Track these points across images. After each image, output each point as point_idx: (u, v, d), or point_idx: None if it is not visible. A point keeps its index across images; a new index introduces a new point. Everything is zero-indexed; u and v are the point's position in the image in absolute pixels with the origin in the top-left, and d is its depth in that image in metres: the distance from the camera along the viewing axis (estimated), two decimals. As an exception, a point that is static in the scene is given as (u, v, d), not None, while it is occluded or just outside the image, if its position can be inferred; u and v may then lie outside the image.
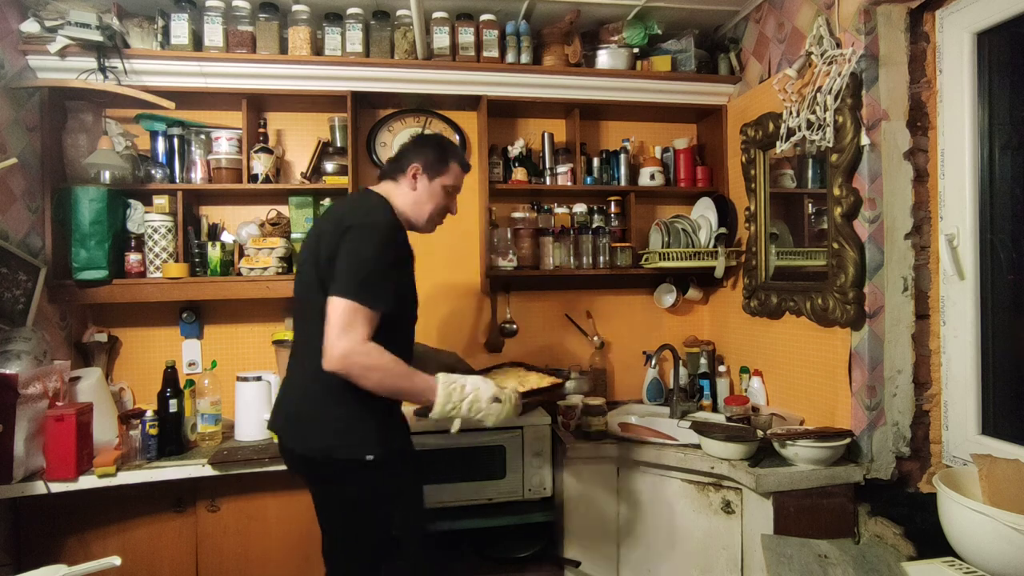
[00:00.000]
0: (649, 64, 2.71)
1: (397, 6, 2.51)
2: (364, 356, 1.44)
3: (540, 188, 2.73)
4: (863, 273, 1.89)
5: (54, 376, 1.97)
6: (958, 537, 1.38)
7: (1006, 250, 1.72)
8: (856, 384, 1.92)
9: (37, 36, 2.21)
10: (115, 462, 1.95)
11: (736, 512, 1.97)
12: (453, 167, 1.75)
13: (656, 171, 2.76)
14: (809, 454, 1.82)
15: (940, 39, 1.85)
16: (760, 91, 2.47)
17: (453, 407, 1.54)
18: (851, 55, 1.88)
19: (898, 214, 1.87)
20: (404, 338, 1.71)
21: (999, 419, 1.74)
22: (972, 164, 1.76)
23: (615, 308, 2.93)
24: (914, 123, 1.87)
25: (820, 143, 1.99)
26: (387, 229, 1.55)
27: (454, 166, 1.75)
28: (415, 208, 1.71)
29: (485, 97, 2.58)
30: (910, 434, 1.86)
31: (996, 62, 1.73)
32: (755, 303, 2.44)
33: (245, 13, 2.39)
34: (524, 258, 2.68)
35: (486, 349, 2.80)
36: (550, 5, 2.53)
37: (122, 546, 1.98)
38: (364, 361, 1.44)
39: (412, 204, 1.71)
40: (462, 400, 1.55)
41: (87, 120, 2.35)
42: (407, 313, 1.70)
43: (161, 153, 2.45)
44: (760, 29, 2.50)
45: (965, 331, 1.79)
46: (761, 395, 2.42)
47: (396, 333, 1.59)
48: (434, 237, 2.77)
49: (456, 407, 1.55)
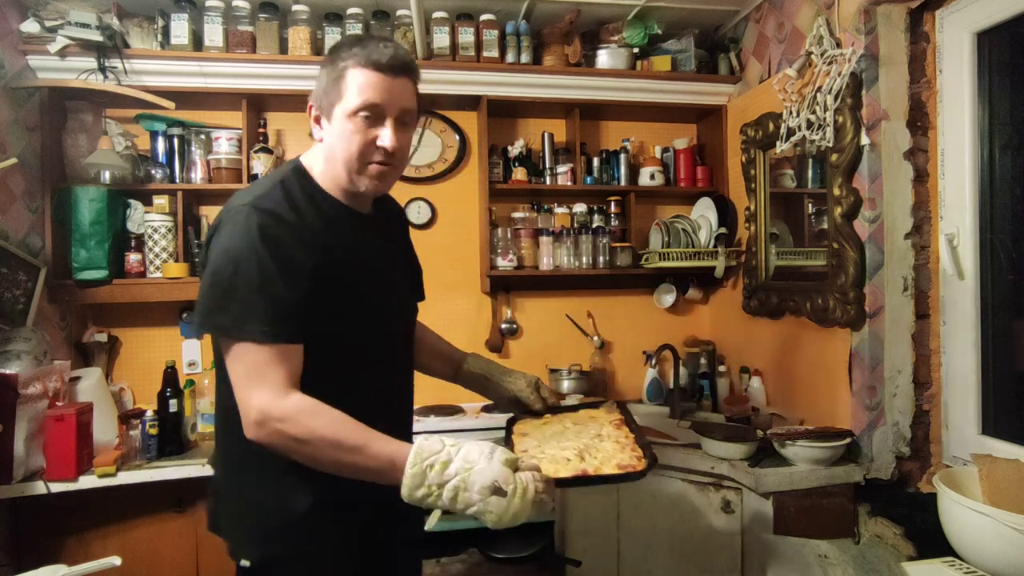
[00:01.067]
0: (649, 64, 2.71)
1: (397, 6, 2.51)
2: (286, 422, 0.99)
3: (540, 188, 2.73)
4: (863, 273, 1.88)
5: (54, 376, 1.97)
6: (958, 537, 1.38)
7: (1006, 250, 1.72)
8: (856, 384, 1.92)
9: (37, 36, 2.21)
10: (115, 462, 1.95)
11: (736, 512, 1.97)
12: (350, 75, 1.11)
13: (656, 171, 2.76)
14: (809, 454, 1.82)
15: (940, 39, 1.85)
16: (760, 91, 2.47)
17: (428, 493, 0.98)
18: (851, 55, 1.88)
19: (898, 214, 1.87)
20: (364, 380, 1.17)
21: (999, 419, 1.74)
22: (972, 164, 1.76)
23: (615, 308, 2.93)
24: (914, 123, 1.87)
25: (820, 143, 1.99)
26: (263, 217, 1.05)
27: (352, 72, 1.11)
28: (330, 165, 1.16)
29: (485, 97, 2.58)
30: (910, 434, 1.86)
31: (996, 62, 1.73)
32: (755, 303, 2.44)
33: (245, 13, 2.39)
34: (524, 258, 2.68)
35: (487, 349, 2.80)
36: (550, 5, 2.53)
37: (122, 546, 1.98)
38: (286, 429, 0.99)
39: (326, 161, 1.16)
40: (441, 485, 0.98)
41: (87, 120, 2.35)
42: (354, 341, 1.15)
43: (161, 153, 2.45)
44: (760, 29, 2.50)
45: (965, 331, 1.79)
46: (761, 395, 2.42)
47: (345, 374, 1.13)
48: (434, 237, 2.81)
49: (432, 493, 0.99)
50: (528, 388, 1.40)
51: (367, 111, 1.11)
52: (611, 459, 1.13)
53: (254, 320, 1.01)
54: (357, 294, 1.15)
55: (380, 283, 1.22)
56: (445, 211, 2.79)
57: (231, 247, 1.03)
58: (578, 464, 1.10)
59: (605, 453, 1.15)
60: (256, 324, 1.01)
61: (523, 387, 1.40)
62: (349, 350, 1.14)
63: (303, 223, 1.10)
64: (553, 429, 1.27)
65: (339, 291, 1.11)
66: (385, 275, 1.25)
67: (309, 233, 1.10)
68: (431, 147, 2.76)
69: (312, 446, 1.00)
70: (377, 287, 1.21)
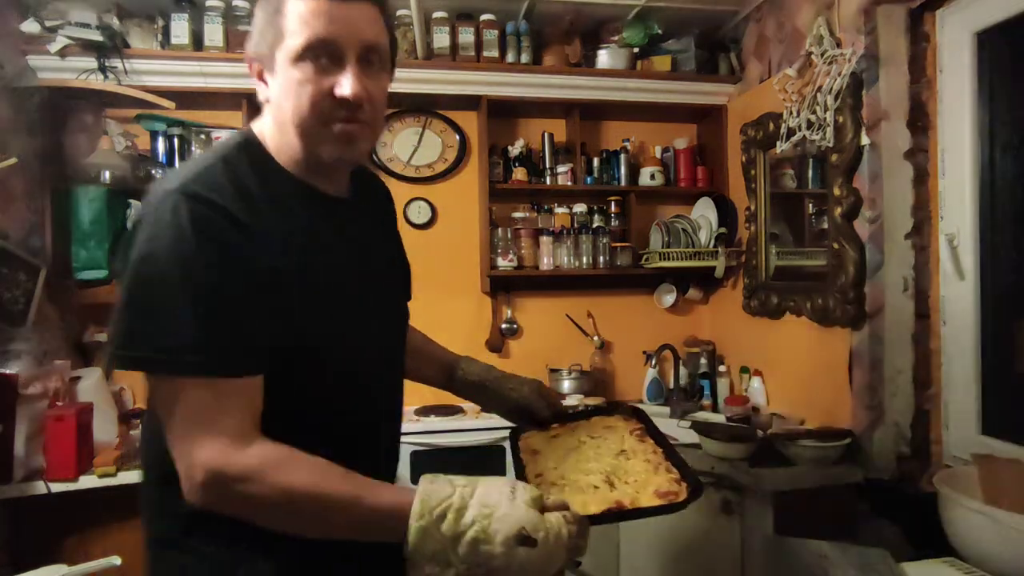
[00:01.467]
0: (649, 64, 2.71)
1: (397, 6, 2.51)
2: (250, 482, 0.74)
3: (540, 188, 2.73)
4: (863, 273, 1.88)
5: (54, 376, 1.97)
6: (959, 537, 1.38)
7: (1006, 250, 1.72)
8: (856, 384, 1.92)
9: (37, 36, 2.21)
10: (115, 462, 1.95)
11: (736, 512, 1.97)
12: (290, 5, 0.83)
13: (656, 171, 2.76)
14: (809, 454, 1.82)
15: (940, 39, 1.85)
16: (760, 91, 2.47)
17: (440, 551, 0.74)
18: (851, 55, 1.88)
19: (898, 214, 1.87)
20: (347, 413, 0.90)
21: (1000, 419, 1.73)
22: (972, 164, 1.76)
23: (615, 308, 2.93)
24: (914, 123, 1.87)
25: (820, 143, 1.99)
26: (197, 207, 0.77)
27: (291, 2, 0.83)
28: (282, 132, 0.88)
29: (485, 97, 2.58)
30: (910, 434, 1.86)
31: (996, 62, 1.73)
32: (755, 303, 2.44)
33: (245, 13, 2.39)
34: (524, 258, 2.68)
35: (487, 349, 2.80)
36: (550, 5, 2.53)
37: (122, 546, 1.96)
38: (251, 491, 0.74)
39: (277, 128, 0.88)
40: (457, 538, 0.74)
41: (87, 120, 2.36)
42: (332, 365, 0.87)
43: (161, 153, 2.45)
44: (760, 29, 2.50)
45: (966, 331, 1.79)
46: (761, 395, 2.42)
47: (323, 408, 0.87)
48: (434, 237, 2.81)
49: (446, 550, 0.74)
50: (533, 394, 1.18)
51: (316, 50, 0.82)
52: (646, 485, 0.93)
53: (191, 347, 0.73)
54: (333, 304, 0.87)
55: (364, 288, 0.94)
56: (445, 211, 2.79)
57: (154, 250, 0.75)
58: (608, 493, 0.91)
59: (636, 476, 0.95)
60: (194, 353, 0.73)
61: (527, 393, 1.17)
62: (326, 377, 0.86)
63: (254, 212, 0.80)
64: (566, 444, 1.09)
65: (309, 301, 0.83)
66: (370, 277, 0.96)
67: (263, 225, 0.81)
68: (431, 147, 2.76)
69: (288, 509, 0.75)
70: (360, 293, 0.93)
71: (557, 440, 1.13)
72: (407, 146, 2.74)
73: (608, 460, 1.02)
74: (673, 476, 0.95)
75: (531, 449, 1.11)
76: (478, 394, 1.20)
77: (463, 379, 1.20)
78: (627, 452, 1.04)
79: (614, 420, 1.19)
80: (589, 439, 1.11)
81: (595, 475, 0.96)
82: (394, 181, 2.74)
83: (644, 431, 1.13)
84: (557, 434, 1.16)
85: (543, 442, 1.13)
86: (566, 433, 1.15)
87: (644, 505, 0.89)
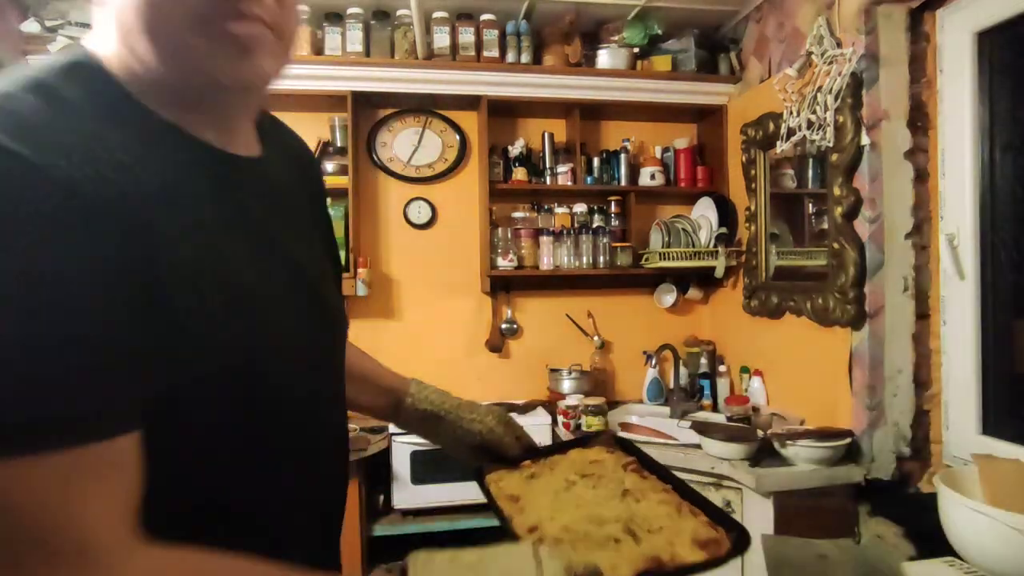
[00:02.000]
0: (649, 64, 2.71)
1: (397, 6, 2.51)
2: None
3: (540, 188, 2.73)
4: (863, 273, 1.88)
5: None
6: (958, 537, 1.38)
7: (1007, 250, 1.72)
8: (856, 384, 1.92)
9: (37, 36, 2.21)
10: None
11: (736, 512, 1.97)
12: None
13: (656, 171, 2.76)
14: (809, 454, 1.82)
15: (940, 39, 1.85)
16: (760, 91, 2.47)
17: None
18: (851, 55, 1.88)
19: (898, 214, 1.87)
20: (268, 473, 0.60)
21: (999, 419, 1.73)
22: (972, 164, 1.76)
23: (615, 308, 2.93)
24: (914, 123, 1.87)
25: (820, 143, 1.99)
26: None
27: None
28: (129, 38, 0.53)
29: (485, 97, 2.58)
30: (910, 434, 1.86)
31: (997, 62, 1.73)
32: (755, 303, 2.44)
33: (245, 13, 2.39)
34: (524, 258, 2.68)
35: (487, 349, 2.80)
36: (550, 5, 2.53)
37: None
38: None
39: (124, 35, 0.54)
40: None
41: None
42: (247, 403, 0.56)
43: (161, 153, 2.45)
44: (760, 29, 2.50)
45: (965, 331, 1.79)
46: (761, 395, 2.42)
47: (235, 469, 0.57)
48: (434, 237, 2.81)
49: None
50: (500, 426, 0.95)
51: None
52: (678, 532, 0.75)
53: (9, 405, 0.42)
54: (242, 314, 0.56)
55: (287, 289, 0.64)
56: (445, 211, 2.79)
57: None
58: (635, 547, 0.72)
59: (660, 522, 0.77)
60: (15, 411, 0.42)
61: (493, 425, 0.95)
62: (238, 420, 0.56)
63: (102, 175, 0.48)
64: (551, 486, 0.88)
65: (205, 311, 0.52)
66: (293, 273, 0.65)
67: (120, 191, 0.48)
68: (431, 147, 2.76)
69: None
70: (282, 296, 0.62)
71: (537, 481, 0.91)
72: (407, 146, 2.74)
73: (615, 504, 0.82)
74: (702, 520, 0.78)
75: (508, 495, 0.88)
76: (431, 428, 0.95)
77: (412, 408, 0.93)
78: (632, 492, 0.85)
79: (596, 452, 0.98)
80: (579, 478, 0.90)
81: (611, 524, 0.76)
82: (394, 181, 2.75)
83: (639, 464, 0.96)
84: (533, 473, 0.93)
85: (519, 484, 0.90)
86: (544, 472, 0.93)
87: (687, 559, 0.70)
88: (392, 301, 2.73)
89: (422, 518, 2.33)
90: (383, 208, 2.75)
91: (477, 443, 0.94)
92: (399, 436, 2.31)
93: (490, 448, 0.95)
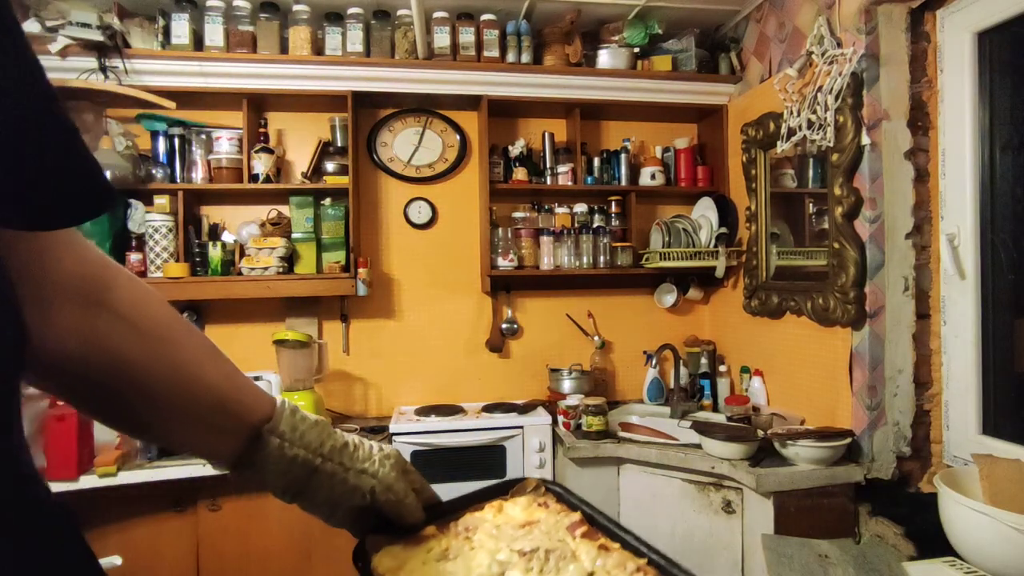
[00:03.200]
0: (650, 64, 2.71)
1: (398, 6, 2.51)
2: None
3: (541, 188, 2.73)
4: (864, 273, 1.88)
5: (55, 376, 1.97)
6: (959, 537, 1.38)
7: (1007, 250, 1.72)
8: (857, 384, 1.92)
9: (38, 36, 2.21)
10: (116, 462, 1.95)
11: (737, 512, 1.97)
12: None
13: (657, 171, 2.76)
14: (810, 454, 1.82)
15: (941, 39, 1.85)
16: (761, 91, 2.47)
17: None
18: (852, 55, 1.88)
19: (899, 214, 1.87)
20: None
21: (1000, 419, 1.73)
22: (973, 164, 1.76)
23: (616, 308, 2.93)
24: (915, 123, 1.87)
25: (821, 143, 1.99)
26: None
27: None
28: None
29: (486, 97, 2.58)
30: (911, 434, 1.86)
31: (997, 62, 1.73)
32: (756, 303, 2.44)
33: (245, 13, 2.39)
34: (525, 258, 2.68)
35: (487, 349, 2.80)
36: (551, 5, 2.53)
37: (123, 546, 1.98)
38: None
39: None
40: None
41: (88, 120, 2.35)
42: None
43: (162, 153, 2.45)
44: (761, 29, 2.50)
45: (966, 331, 1.79)
46: (762, 395, 2.42)
47: None
48: (435, 237, 2.81)
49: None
50: (399, 480, 0.64)
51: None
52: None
53: None
54: None
55: None
56: (446, 211, 2.79)
57: None
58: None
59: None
60: None
61: (391, 480, 0.63)
62: None
63: None
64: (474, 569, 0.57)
65: None
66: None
67: None
68: (431, 147, 2.76)
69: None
70: None
71: (453, 565, 0.58)
72: (407, 146, 2.74)
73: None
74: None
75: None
76: (297, 481, 0.60)
77: (278, 455, 0.58)
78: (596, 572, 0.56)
79: (525, 508, 0.67)
80: (514, 556, 0.58)
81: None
82: (394, 181, 2.75)
83: (588, 523, 0.63)
84: (445, 548, 0.61)
85: (426, 571, 0.58)
86: (458, 545, 0.61)
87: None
88: (392, 301, 2.74)
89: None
90: (383, 208, 2.75)
91: (363, 505, 0.62)
92: (399, 436, 2.31)
93: (383, 511, 0.63)
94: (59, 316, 0.46)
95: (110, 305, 0.49)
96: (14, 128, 0.36)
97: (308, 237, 2.49)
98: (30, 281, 0.43)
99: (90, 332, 0.48)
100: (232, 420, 0.57)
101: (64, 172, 0.39)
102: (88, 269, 0.48)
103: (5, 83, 0.35)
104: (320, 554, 2.06)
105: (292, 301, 2.60)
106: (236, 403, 0.58)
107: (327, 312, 2.68)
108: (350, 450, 0.63)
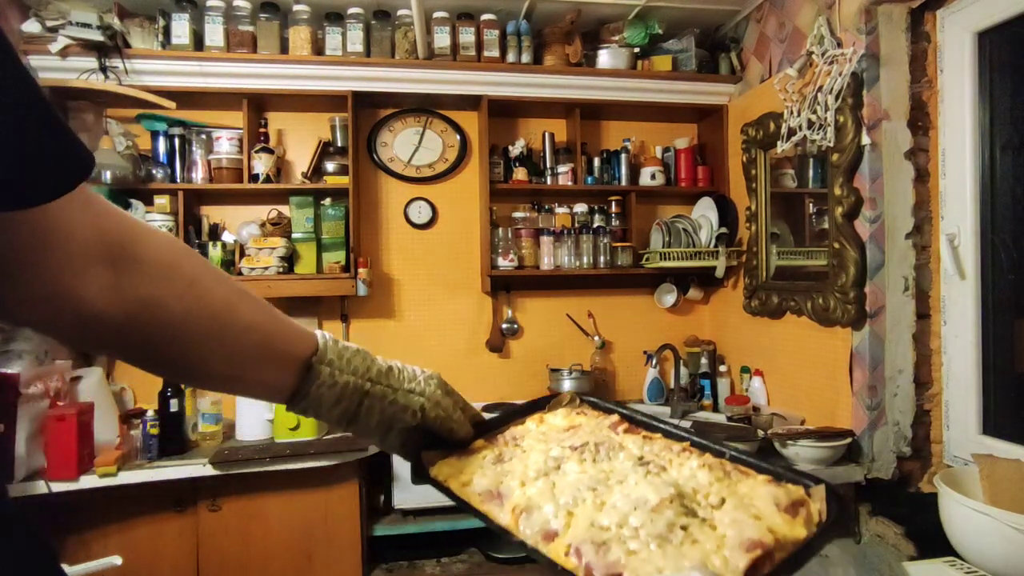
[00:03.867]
0: (650, 64, 2.71)
1: (398, 6, 2.51)
2: None
3: (541, 188, 2.73)
4: (864, 273, 1.88)
5: (55, 376, 1.97)
6: (959, 537, 1.38)
7: (1007, 250, 1.72)
8: (857, 384, 1.92)
9: (38, 36, 2.21)
10: (116, 462, 1.95)
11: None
12: None
13: (657, 171, 2.76)
14: (810, 454, 1.82)
15: (941, 39, 1.85)
16: (761, 91, 2.47)
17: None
18: (852, 55, 1.88)
19: (899, 214, 1.87)
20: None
21: (1000, 419, 1.73)
22: (973, 164, 1.76)
23: (616, 308, 2.93)
24: (915, 123, 1.87)
25: (821, 143, 1.99)
26: None
27: None
28: None
29: (486, 97, 2.58)
30: (911, 434, 1.86)
31: (997, 62, 1.73)
32: (756, 303, 2.44)
33: (246, 13, 2.39)
34: (525, 258, 2.68)
35: (488, 349, 2.80)
36: (551, 5, 2.53)
37: (123, 546, 1.98)
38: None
39: None
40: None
41: (88, 120, 2.36)
42: None
43: (162, 153, 2.45)
44: (761, 29, 2.50)
45: (966, 331, 1.79)
46: (762, 395, 2.42)
47: None
48: (435, 237, 2.81)
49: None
50: (445, 397, 0.68)
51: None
52: (749, 499, 0.55)
53: None
54: None
55: None
56: (446, 211, 2.79)
57: None
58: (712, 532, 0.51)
59: (712, 490, 0.57)
60: None
61: (438, 397, 0.67)
62: None
63: None
64: (532, 468, 0.62)
65: None
66: None
67: None
68: (432, 147, 2.76)
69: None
70: None
71: (509, 466, 0.64)
72: (407, 146, 2.74)
73: (640, 481, 0.59)
74: (764, 479, 0.59)
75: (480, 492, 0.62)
76: (349, 409, 0.62)
77: (329, 383, 0.60)
78: (646, 460, 0.62)
79: (565, 416, 0.74)
80: (566, 451, 0.64)
81: (660, 508, 0.54)
82: (394, 181, 2.75)
83: (627, 421, 0.71)
84: (498, 455, 0.67)
85: (486, 475, 0.63)
86: (510, 451, 0.67)
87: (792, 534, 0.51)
88: (392, 301, 2.74)
89: (423, 518, 2.33)
90: (383, 208, 2.75)
91: (414, 425, 0.65)
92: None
93: (432, 430, 0.66)
94: (92, 276, 0.46)
95: (137, 256, 0.49)
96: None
97: (308, 237, 2.49)
98: (56, 250, 0.44)
99: (126, 286, 0.48)
100: (280, 355, 0.58)
101: (43, 145, 0.40)
102: (110, 224, 0.48)
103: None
104: (320, 554, 2.05)
105: (292, 301, 2.59)
106: (281, 339, 0.58)
107: (327, 312, 2.68)
108: (395, 373, 0.66)
